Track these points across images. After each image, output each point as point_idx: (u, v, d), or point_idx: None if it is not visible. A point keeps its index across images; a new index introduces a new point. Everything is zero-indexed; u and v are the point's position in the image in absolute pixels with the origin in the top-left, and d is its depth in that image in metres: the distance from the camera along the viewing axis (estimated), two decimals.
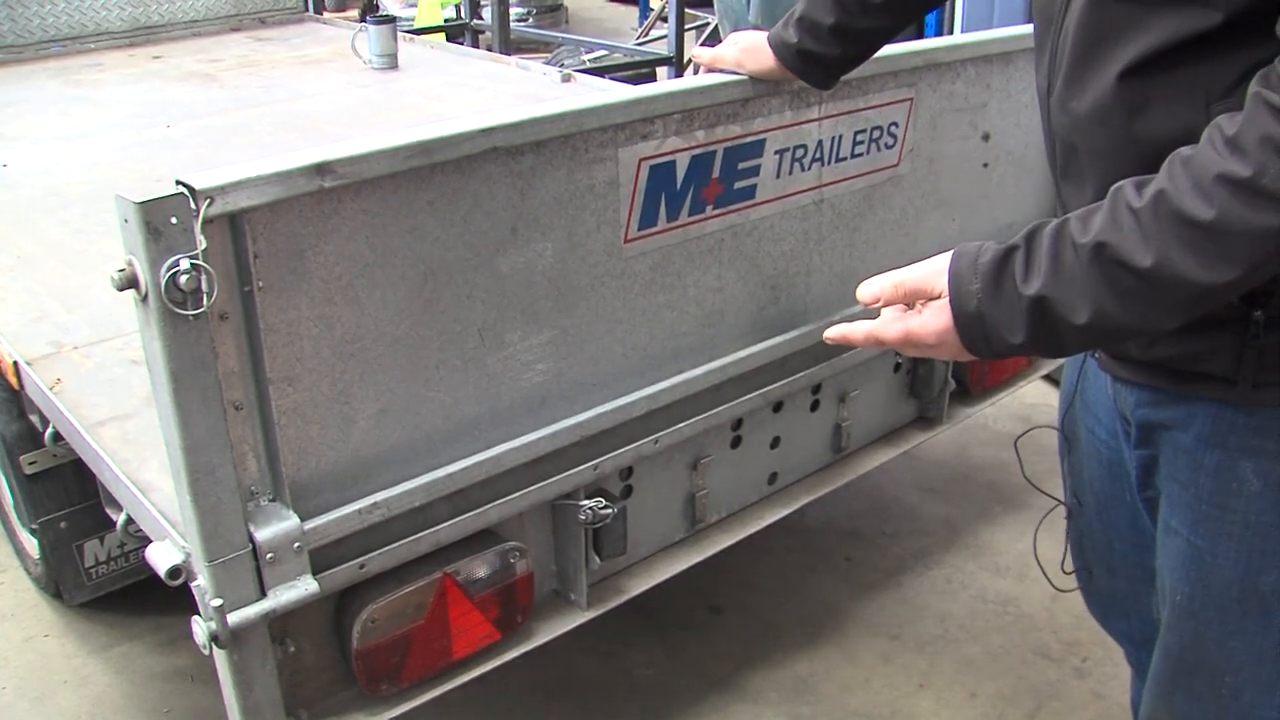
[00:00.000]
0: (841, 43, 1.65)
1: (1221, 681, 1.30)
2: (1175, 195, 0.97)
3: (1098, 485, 1.51)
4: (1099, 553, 1.58)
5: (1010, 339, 1.08)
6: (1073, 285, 1.03)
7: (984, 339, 1.10)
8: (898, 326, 1.18)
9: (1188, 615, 1.30)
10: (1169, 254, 0.97)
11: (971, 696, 2.49)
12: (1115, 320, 1.02)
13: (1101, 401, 1.43)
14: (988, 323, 1.09)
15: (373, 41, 4.28)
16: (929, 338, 1.15)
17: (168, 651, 2.65)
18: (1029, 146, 2.38)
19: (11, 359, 2.06)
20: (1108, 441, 1.45)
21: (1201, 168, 0.96)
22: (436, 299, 1.50)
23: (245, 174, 1.25)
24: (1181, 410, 1.23)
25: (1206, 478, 1.23)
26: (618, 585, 1.95)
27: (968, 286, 1.10)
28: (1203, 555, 1.26)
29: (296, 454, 1.43)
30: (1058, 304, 1.04)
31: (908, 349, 1.19)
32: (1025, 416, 3.64)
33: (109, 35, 4.84)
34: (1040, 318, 1.05)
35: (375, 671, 1.61)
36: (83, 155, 3.27)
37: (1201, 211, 0.95)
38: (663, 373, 1.84)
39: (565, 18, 10.62)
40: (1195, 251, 0.96)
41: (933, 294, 1.16)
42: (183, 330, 1.26)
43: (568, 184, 1.60)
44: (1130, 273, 0.99)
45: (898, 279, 1.19)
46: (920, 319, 1.16)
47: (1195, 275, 0.97)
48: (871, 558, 2.98)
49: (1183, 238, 0.97)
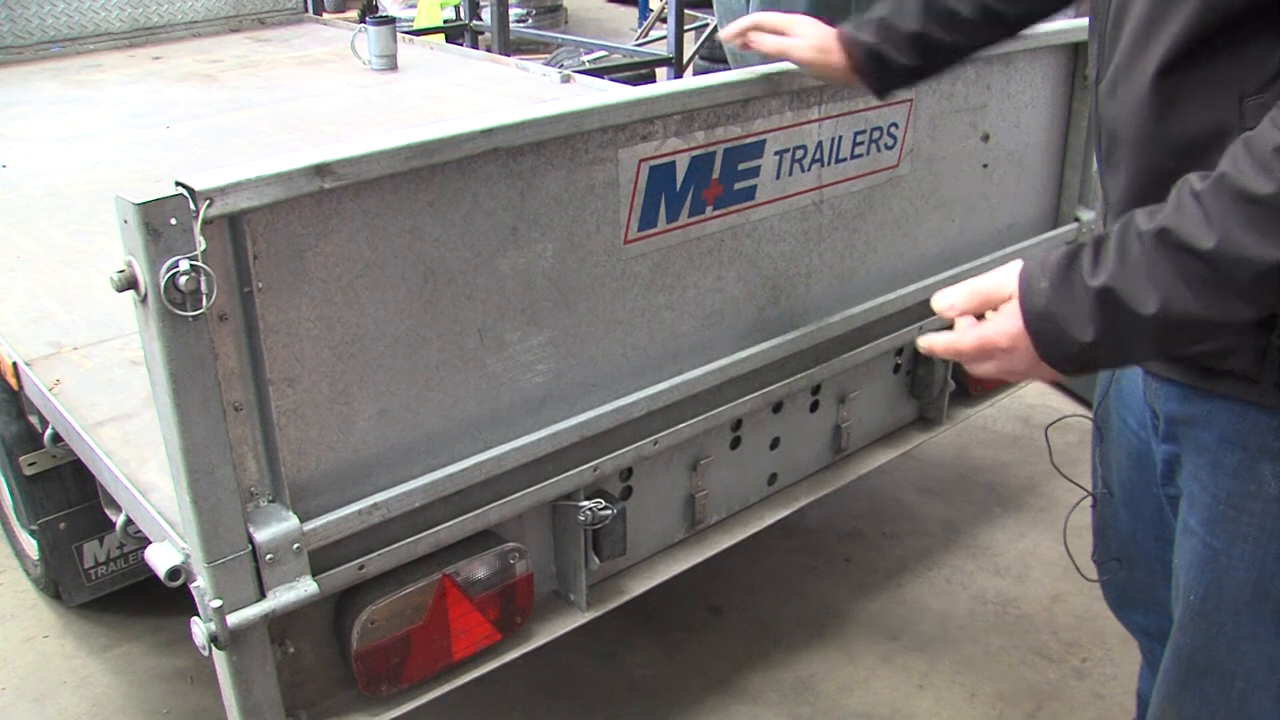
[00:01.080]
0: (918, 53, 1.61)
1: (1232, 685, 1.30)
2: (1236, 174, 0.97)
3: (1125, 475, 1.52)
4: (1123, 543, 1.59)
5: (1080, 336, 1.05)
6: (1139, 274, 1.01)
7: (1055, 339, 1.07)
8: (972, 334, 1.14)
9: (1201, 616, 1.31)
10: (1230, 233, 0.96)
11: (971, 697, 2.49)
12: (1184, 309, 0.99)
13: (1134, 393, 1.44)
14: (1057, 319, 1.06)
15: (372, 42, 4.28)
16: (1002, 340, 1.11)
17: (167, 652, 2.65)
18: (1028, 147, 2.38)
19: (11, 360, 2.06)
20: (1138, 432, 1.45)
21: (1262, 144, 0.96)
22: (436, 299, 1.50)
23: (245, 175, 1.25)
24: (1206, 407, 1.24)
25: (1226, 478, 1.23)
26: (617, 586, 1.95)
27: (1037, 284, 1.08)
28: (1218, 556, 1.26)
29: (296, 455, 1.43)
30: (1125, 294, 1.01)
31: (983, 359, 1.15)
32: (1025, 418, 3.64)
33: (109, 36, 4.84)
34: (1108, 310, 1.03)
35: (375, 672, 1.61)
36: (82, 156, 3.27)
37: (1261, 186, 0.94)
38: (662, 373, 1.84)
39: (564, 19, 10.62)
40: (1256, 228, 0.95)
41: (1005, 297, 1.13)
42: (182, 331, 1.26)
43: (568, 185, 1.60)
44: (1194, 256, 0.98)
45: (972, 286, 1.16)
46: (993, 323, 1.13)
47: (1258, 253, 0.95)
48: (871, 558, 2.97)
49: (1244, 215, 0.95)
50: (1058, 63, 2.35)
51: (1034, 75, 2.30)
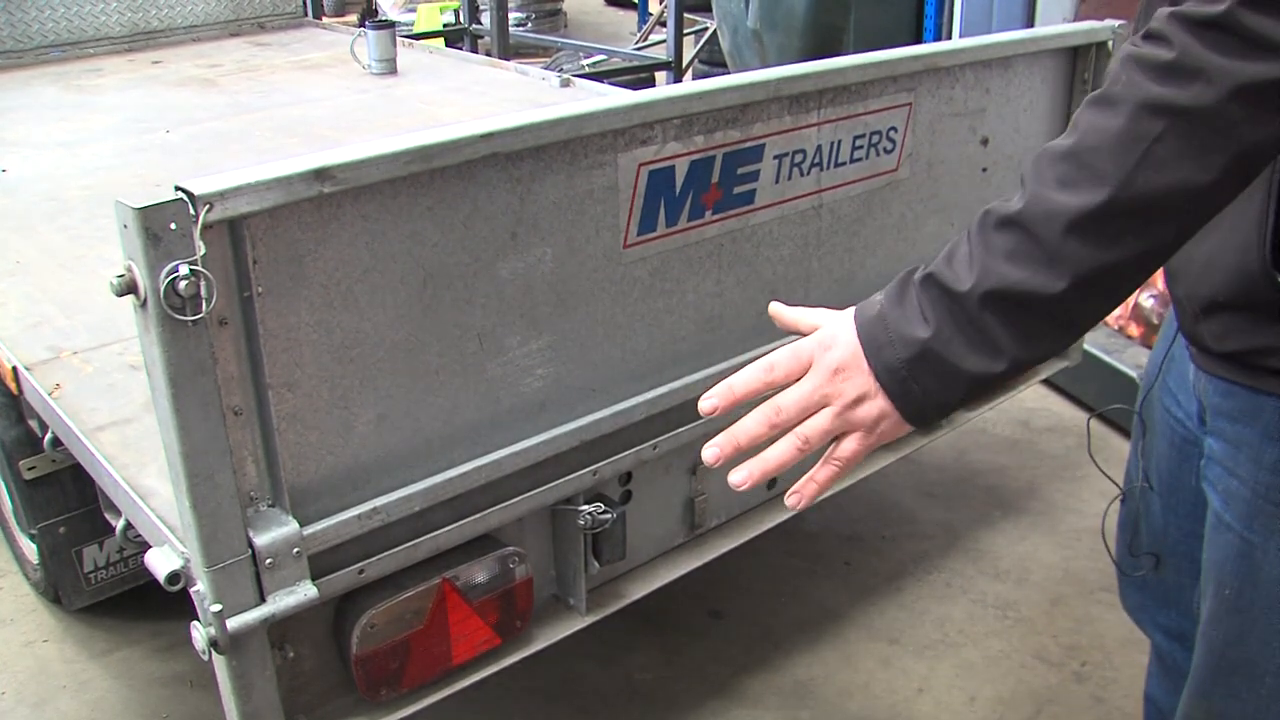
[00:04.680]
0: None
1: (1262, 682, 1.30)
2: (1052, 142, 0.96)
3: (1165, 466, 1.53)
4: (1154, 539, 1.59)
5: (915, 332, 0.97)
6: (957, 257, 0.97)
7: (887, 342, 0.99)
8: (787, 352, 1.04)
9: (1235, 611, 1.31)
10: (1037, 193, 0.93)
11: (971, 701, 2.49)
12: (999, 283, 0.93)
13: (1183, 384, 1.45)
14: (889, 321, 0.99)
15: (372, 47, 4.29)
16: (833, 357, 1.01)
17: (167, 657, 2.65)
18: (1028, 151, 2.38)
19: (11, 364, 2.06)
20: (1184, 421, 1.45)
21: (1082, 103, 0.96)
22: (436, 304, 1.50)
23: (244, 179, 1.25)
24: (1250, 404, 1.24)
25: (1265, 473, 1.24)
26: (617, 590, 1.95)
27: (872, 300, 1.03)
28: (1254, 551, 1.26)
29: (296, 459, 1.43)
30: (943, 275, 0.97)
31: (805, 402, 1.02)
32: (1024, 421, 3.64)
33: (108, 40, 4.85)
34: (930, 294, 0.97)
35: (374, 677, 1.61)
36: (82, 160, 3.27)
37: (1062, 141, 0.93)
38: (662, 378, 1.84)
39: (564, 23, 10.63)
40: (1062, 182, 0.92)
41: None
42: (182, 336, 1.26)
43: (567, 189, 1.60)
44: (1003, 224, 0.94)
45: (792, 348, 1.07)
46: (814, 343, 1.04)
47: (1063, 201, 0.91)
48: (871, 562, 2.97)
49: (1050, 173, 0.93)
50: (1057, 66, 2.35)
51: (1033, 79, 2.30)
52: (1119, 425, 3.30)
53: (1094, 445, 3.26)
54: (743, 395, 1.06)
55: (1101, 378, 3.44)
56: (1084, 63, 2.37)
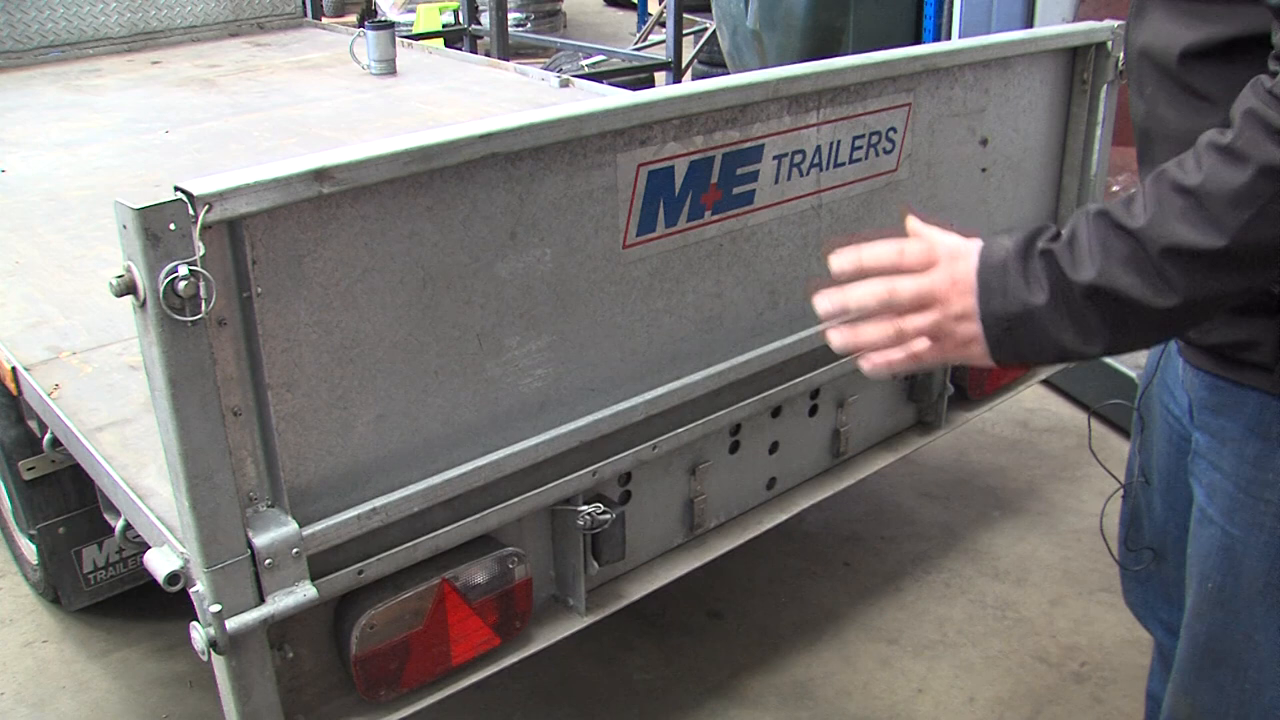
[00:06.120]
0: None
1: (1245, 676, 1.31)
2: (1175, 167, 1.01)
3: (1163, 462, 1.54)
4: (1155, 534, 1.61)
5: (1027, 297, 1.05)
6: (1079, 245, 1.04)
7: (1001, 294, 1.07)
8: (911, 281, 1.11)
9: (1218, 605, 1.32)
10: (1158, 218, 1.00)
11: (970, 701, 2.49)
12: (1111, 284, 1.02)
13: (1177, 380, 1.47)
14: (1010, 273, 1.06)
15: (371, 47, 4.29)
16: (942, 286, 1.09)
17: (166, 657, 2.65)
18: (1027, 151, 2.39)
19: (10, 364, 2.06)
20: (1179, 417, 1.47)
21: (1202, 141, 1.01)
22: (435, 304, 1.51)
23: (244, 180, 1.25)
24: (1233, 397, 1.26)
25: (1247, 466, 1.26)
26: (616, 590, 1.95)
27: (1000, 239, 1.10)
28: (1235, 544, 1.28)
29: (295, 460, 1.43)
30: (1063, 259, 1.04)
31: (914, 310, 1.11)
32: (1024, 421, 3.64)
33: (108, 41, 4.85)
34: (1050, 272, 1.04)
35: (374, 677, 1.61)
36: (81, 161, 3.27)
37: (1190, 178, 0.99)
38: (661, 378, 1.84)
39: (563, 23, 10.63)
40: (1185, 219, 0.99)
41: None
42: (181, 336, 1.26)
43: (566, 189, 1.60)
44: (1123, 234, 1.01)
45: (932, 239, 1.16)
46: (938, 272, 1.10)
47: (1184, 239, 0.99)
48: (870, 562, 2.98)
49: (1173, 204, 1.00)
50: (1056, 67, 2.35)
51: (1032, 79, 2.30)
52: (1119, 425, 3.30)
53: (1094, 443, 3.26)
54: (869, 267, 1.14)
55: (1101, 377, 3.44)
56: (1083, 63, 2.37)
